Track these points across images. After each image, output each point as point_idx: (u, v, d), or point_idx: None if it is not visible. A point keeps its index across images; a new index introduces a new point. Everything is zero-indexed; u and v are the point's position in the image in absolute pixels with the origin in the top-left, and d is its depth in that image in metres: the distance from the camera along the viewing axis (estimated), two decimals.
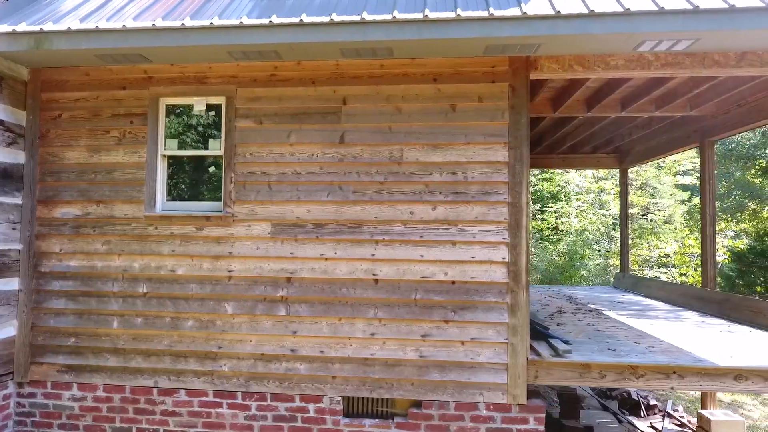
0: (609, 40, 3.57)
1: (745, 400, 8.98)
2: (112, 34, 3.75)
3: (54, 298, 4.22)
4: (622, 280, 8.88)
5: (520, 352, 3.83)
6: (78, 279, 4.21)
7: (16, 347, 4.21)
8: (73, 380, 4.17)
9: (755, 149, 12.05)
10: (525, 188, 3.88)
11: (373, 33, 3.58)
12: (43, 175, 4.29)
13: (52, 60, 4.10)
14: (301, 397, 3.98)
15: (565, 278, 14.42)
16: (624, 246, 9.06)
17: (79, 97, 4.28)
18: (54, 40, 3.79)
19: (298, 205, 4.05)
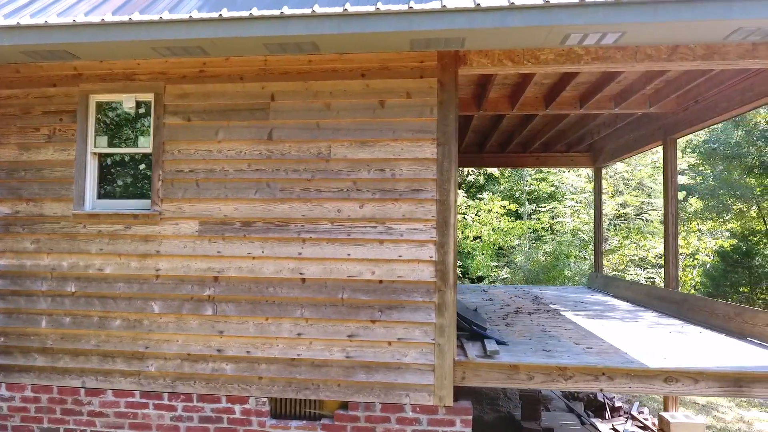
0: (532, 34, 3.49)
1: (721, 402, 8.85)
2: (35, 31, 3.71)
3: None
4: (595, 280, 8.77)
5: (447, 352, 3.75)
6: (7, 278, 4.17)
7: None
8: (1, 380, 4.13)
9: (739, 147, 11.89)
10: (453, 185, 3.80)
11: (293, 27, 3.52)
12: None
13: None
14: (227, 398, 3.92)
15: (549, 278, 14.31)
16: (598, 246, 8.95)
17: (9, 94, 4.24)
18: None
19: (226, 203, 3.99)
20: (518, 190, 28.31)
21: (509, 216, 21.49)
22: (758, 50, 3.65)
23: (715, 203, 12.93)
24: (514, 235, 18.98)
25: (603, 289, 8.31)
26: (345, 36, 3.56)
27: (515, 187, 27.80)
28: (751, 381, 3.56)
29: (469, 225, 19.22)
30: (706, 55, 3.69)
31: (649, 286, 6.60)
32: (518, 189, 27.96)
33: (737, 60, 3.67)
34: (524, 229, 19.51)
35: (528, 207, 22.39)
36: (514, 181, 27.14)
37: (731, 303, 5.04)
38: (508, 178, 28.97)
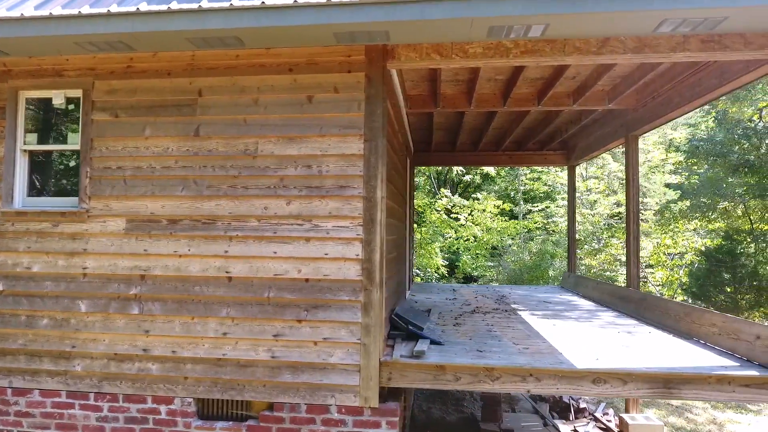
0: (455, 26, 3.41)
1: (696, 404, 8.72)
2: None
3: None
4: (567, 280, 8.67)
5: (373, 353, 3.67)
6: None
7: None
8: None
9: (722, 146, 11.74)
10: (380, 182, 3.73)
11: (212, 21, 3.45)
12: None
13: None
14: (153, 399, 3.86)
15: (532, 278, 14.20)
16: (572, 245, 8.84)
17: None
18: None
19: (153, 200, 3.93)
20: (513, 190, 28.24)
21: (503, 216, 21.38)
22: (689, 43, 3.56)
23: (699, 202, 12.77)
24: (508, 234, 18.83)
25: (573, 288, 8.20)
26: (265, 29, 3.49)
27: (510, 186, 27.74)
28: (680, 382, 3.46)
29: (463, 225, 19.09)
30: (636, 48, 3.60)
31: (613, 285, 6.51)
32: (513, 189, 27.88)
33: (669, 53, 3.58)
34: (518, 228, 19.36)
35: (523, 207, 22.23)
36: (509, 180, 27.09)
37: (683, 303, 4.95)
38: (504, 177, 28.91)
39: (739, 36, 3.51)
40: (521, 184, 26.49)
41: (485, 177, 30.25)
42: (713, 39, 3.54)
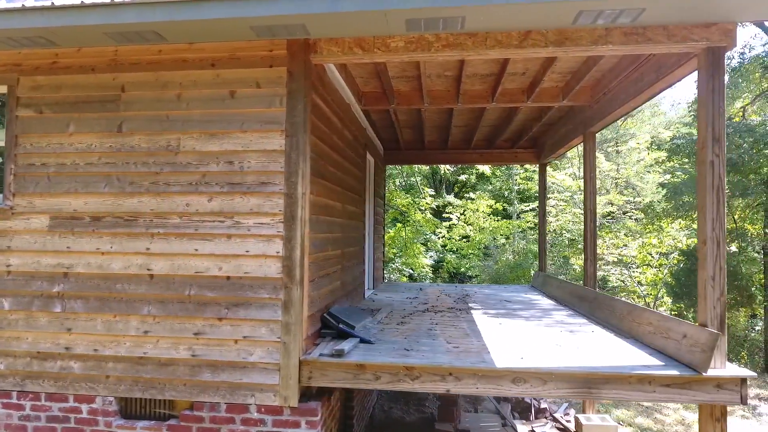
0: (370, 19, 3.36)
1: (667, 404, 8.61)
2: None
3: None
4: (537, 279, 8.59)
5: (293, 351, 3.62)
6: None
7: None
8: None
9: None
10: (301, 178, 3.67)
11: (126, 15, 3.41)
12: None
13: None
14: (74, 397, 3.82)
15: (514, 277, 14.12)
16: (542, 245, 8.76)
17: None
18: None
19: (76, 197, 3.89)
20: (507, 189, 28.19)
21: (496, 216, 21.30)
22: (612, 35, 3.49)
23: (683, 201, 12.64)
24: (501, 234, 18.70)
25: (541, 287, 8.12)
26: (181, 24, 3.45)
27: (504, 186, 27.71)
28: (600, 382, 3.40)
29: (456, 225, 18.99)
30: (558, 41, 3.53)
31: (574, 285, 6.43)
32: (507, 188, 27.83)
33: (591, 46, 3.51)
34: (510, 228, 19.25)
35: (518, 206, 22.11)
36: (503, 180, 27.04)
37: (627, 301, 4.86)
38: (498, 177, 28.85)
39: (661, 28, 3.44)
40: (515, 183, 26.42)
41: (480, 176, 30.17)
42: (636, 32, 3.47)
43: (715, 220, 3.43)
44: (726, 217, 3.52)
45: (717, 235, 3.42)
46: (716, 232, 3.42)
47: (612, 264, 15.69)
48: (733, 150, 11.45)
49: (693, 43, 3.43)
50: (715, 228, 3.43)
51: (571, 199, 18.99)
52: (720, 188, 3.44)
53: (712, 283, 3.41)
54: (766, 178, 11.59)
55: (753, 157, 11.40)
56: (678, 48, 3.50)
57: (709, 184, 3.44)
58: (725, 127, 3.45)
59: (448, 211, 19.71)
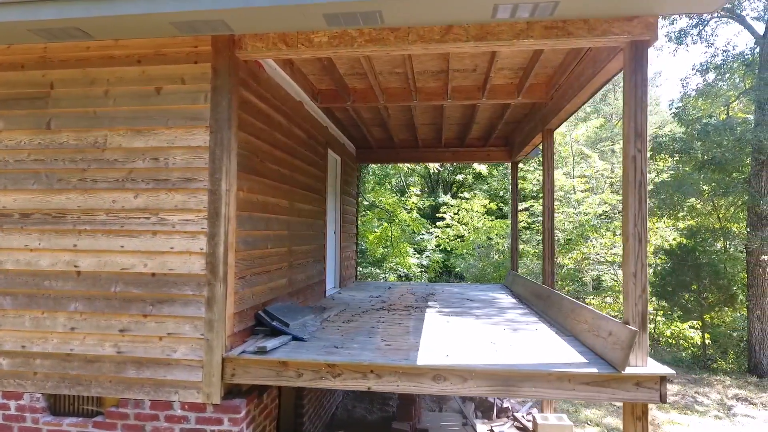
0: (289, 14, 3.36)
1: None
2: None
3: None
4: (508, 278, 8.54)
5: (216, 348, 3.61)
6: None
7: None
8: None
9: (684, 143, 11.53)
10: (225, 175, 3.66)
11: (45, 12, 3.41)
12: None
13: None
14: (3, 394, 3.82)
15: (497, 276, 14.05)
16: (514, 244, 8.71)
17: None
18: None
19: (6, 194, 3.89)
20: (503, 189, 28.12)
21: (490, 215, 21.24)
22: (533, 29, 3.45)
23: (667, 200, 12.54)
24: (496, 233, 18.58)
25: (511, 286, 8.08)
26: (103, 20, 3.45)
27: (500, 185, 27.64)
28: (519, 379, 3.36)
29: (451, 224, 18.91)
30: (479, 35, 3.50)
31: (534, 284, 6.38)
32: (503, 188, 27.76)
33: (512, 40, 3.48)
34: (504, 227, 19.14)
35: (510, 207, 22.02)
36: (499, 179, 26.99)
37: (572, 299, 4.82)
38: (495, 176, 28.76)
39: (582, 22, 3.40)
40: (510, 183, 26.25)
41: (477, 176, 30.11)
42: (556, 25, 3.43)
43: (637, 216, 3.38)
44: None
45: (639, 231, 3.38)
46: (638, 228, 3.38)
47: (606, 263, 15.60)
48: (715, 149, 11.36)
49: (614, 36, 3.38)
50: (637, 224, 3.38)
51: (565, 198, 18.92)
52: (642, 184, 3.39)
53: (634, 280, 3.36)
54: (748, 176, 11.48)
55: (736, 156, 11.29)
56: (600, 42, 3.46)
57: (632, 180, 3.40)
58: (647, 122, 3.40)
59: (442, 211, 19.67)
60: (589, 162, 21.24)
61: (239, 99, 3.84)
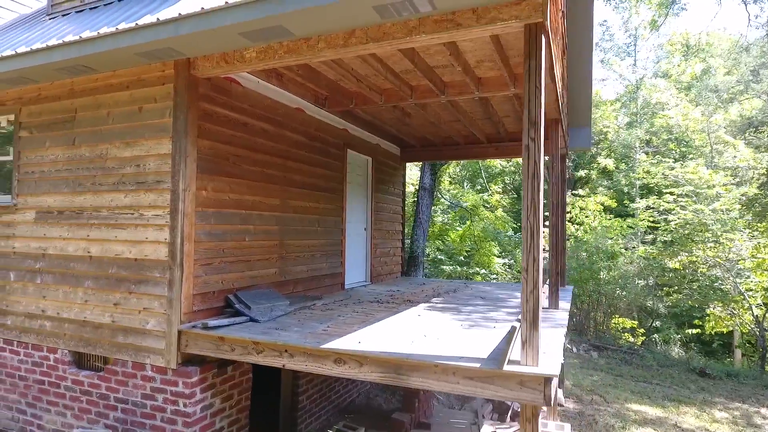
0: (212, 37, 3.90)
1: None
2: None
3: None
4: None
5: (174, 322, 4.30)
6: None
7: None
8: None
9: None
10: (182, 177, 4.34)
11: (56, 55, 4.45)
12: None
13: None
14: (47, 348, 5.02)
15: (577, 278, 12.98)
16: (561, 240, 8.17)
17: None
18: None
19: (49, 195, 5.09)
20: (628, 185, 25.79)
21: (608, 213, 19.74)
22: (425, 25, 3.49)
23: None
24: (616, 233, 17.03)
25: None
26: (92, 57, 4.37)
27: (624, 181, 25.44)
28: (409, 369, 3.45)
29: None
30: (377, 37, 3.64)
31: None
32: (628, 183, 25.49)
33: (407, 37, 3.55)
34: (624, 227, 17.56)
35: (641, 202, 20.16)
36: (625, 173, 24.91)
37: None
38: (621, 170, 26.56)
39: (470, 11, 3.36)
40: (637, 178, 24.03)
41: (602, 171, 27.99)
42: (446, 18, 3.43)
43: (530, 209, 3.23)
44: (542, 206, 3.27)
45: (531, 224, 3.22)
46: (530, 221, 3.22)
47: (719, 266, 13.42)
48: None
49: (503, 23, 3.28)
50: (529, 217, 3.23)
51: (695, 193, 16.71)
52: (535, 175, 3.23)
53: (526, 275, 3.22)
54: None
55: None
56: (492, 29, 3.37)
57: (525, 170, 3.25)
58: (542, 110, 3.21)
59: None
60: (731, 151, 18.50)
61: (200, 111, 4.49)
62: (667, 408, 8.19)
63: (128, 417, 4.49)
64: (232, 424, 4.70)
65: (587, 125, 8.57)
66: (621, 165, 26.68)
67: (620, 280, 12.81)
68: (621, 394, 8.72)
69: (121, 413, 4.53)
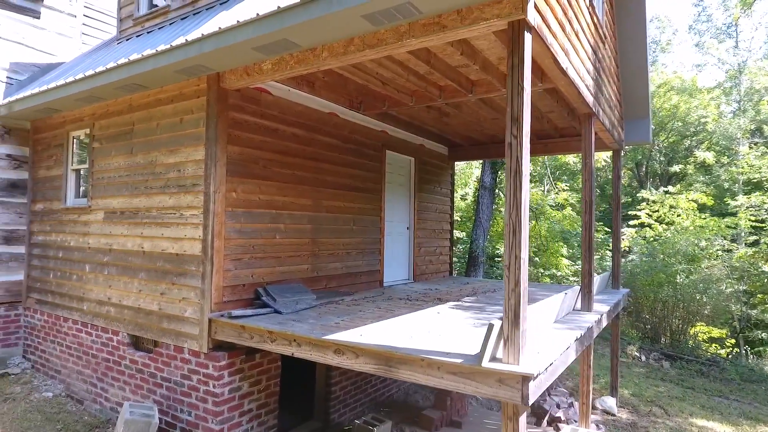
0: (230, 52, 4.30)
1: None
2: (33, 98, 6.26)
3: (36, 260, 7.05)
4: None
5: (206, 311, 4.78)
6: (41, 247, 6.93)
7: (22, 286, 7.19)
8: (39, 308, 6.89)
9: None
10: (213, 180, 4.80)
11: (112, 76, 5.14)
12: (32, 184, 7.19)
13: (27, 116, 6.91)
14: (111, 331, 5.77)
15: (646, 282, 12.03)
16: (616, 243, 7.73)
17: (43, 136, 7.02)
18: (14, 105, 6.54)
19: (114, 198, 5.85)
20: (729, 180, 23.73)
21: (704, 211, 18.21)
22: (414, 30, 3.59)
23: None
24: (713, 233, 15.37)
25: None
26: (142, 75, 4.99)
27: (725, 176, 23.43)
28: (398, 362, 3.58)
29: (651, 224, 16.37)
30: (372, 43, 3.80)
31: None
32: (730, 179, 23.45)
33: (398, 42, 3.68)
34: (722, 227, 15.99)
35: (743, 199, 18.45)
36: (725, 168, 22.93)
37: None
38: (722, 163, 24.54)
39: (455, 13, 3.41)
40: (739, 172, 21.93)
41: (701, 166, 25.90)
42: (433, 21, 3.51)
43: (512, 206, 3.22)
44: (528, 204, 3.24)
45: (514, 221, 3.21)
46: (512, 218, 3.22)
47: None
48: None
49: (486, 22, 3.30)
50: (512, 215, 3.22)
51: None
52: (518, 173, 3.21)
53: (507, 273, 3.22)
54: None
55: None
56: (476, 29, 3.40)
57: (507, 167, 3.25)
58: (524, 107, 3.19)
59: (638, 208, 17.53)
60: None
61: (229, 120, 4.94)
62: (741, 426, 7.43)
63: (171, 394, 5.05)
64: (260, 407, 5.10)
65: (646, 117, 8.04)
66: (722, 158, 24.15)
67: (701, 284, 11.70)
68: (687, 408, 8.04)
69: (165, 390, 5.11)
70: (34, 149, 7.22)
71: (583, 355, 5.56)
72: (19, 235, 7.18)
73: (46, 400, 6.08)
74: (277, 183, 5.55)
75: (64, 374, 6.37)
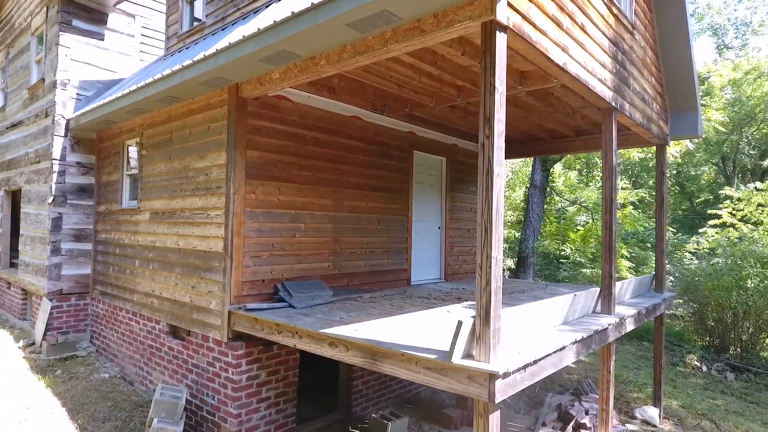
0: (241, 64, 4.65)
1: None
2: (93, 111, 7.07)
3: (99, 255, 7.92)
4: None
5: (226, 304, 5.18)
6: (103, 244, 7.78)
7: (90, 279, 8.10)
8: (101, 299, 7.75)
9: None
10: (231, 183, 5.19)
11: (150, 90, 5.71)
12: (97, 188, 8.07)
13: (92, 128, 7.79)
14: (155, 320, 6.38)
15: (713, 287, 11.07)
16: (660, 243, 7.29)
17: (104, 145, 7.87)
18: (80, 119, 7.41)
19: (156, 200, 6.46)
20: None
21: None
22: (398, 35, 3.71)
23: None
24: None
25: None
26: (173, 88, 5.50)
27: None
28: (382, 356, 3.71)
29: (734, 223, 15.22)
30: (362, 50, 3.96)
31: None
32: None
33: (385, 47, 3.80)
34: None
35: None
36: None
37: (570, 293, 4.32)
38: None
39: (432, 17, 3.49)
40: None
41: None
42: (413, 26, 3.61)
43: (484, 205, 3.25)
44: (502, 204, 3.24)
45: (486, 221, 3.24)
46: (484, 218, 3.24)
47: None
48: None
49: (460, 24, 3.35)
50: (483, 214, 3.25)
51: None
52: (489, 172, 3.24)
53: (480, 271, 3.25)
54: None
55: None
56: (452, 32, 3.45)
57: (480, 167, 3.28)
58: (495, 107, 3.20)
59: (719, 206, 16.27)
60: None
61: (248, 127, 5.31)
62: None
63: (199, 379, 5.52)
64: (278, 396, 5.43)
65: (694, 109, 7.51)
66: None
67: None
68: (744, 423, 7.40)
69: (195, 376, 5.59)
70: (98, 157, 8.11)
71: (602, 360, 5.34)
72: (87, 233, 8.10)
73: (103, 380, 6.83)
74: (298, 185, 5.86)
75: (119, 358, 7.12)
